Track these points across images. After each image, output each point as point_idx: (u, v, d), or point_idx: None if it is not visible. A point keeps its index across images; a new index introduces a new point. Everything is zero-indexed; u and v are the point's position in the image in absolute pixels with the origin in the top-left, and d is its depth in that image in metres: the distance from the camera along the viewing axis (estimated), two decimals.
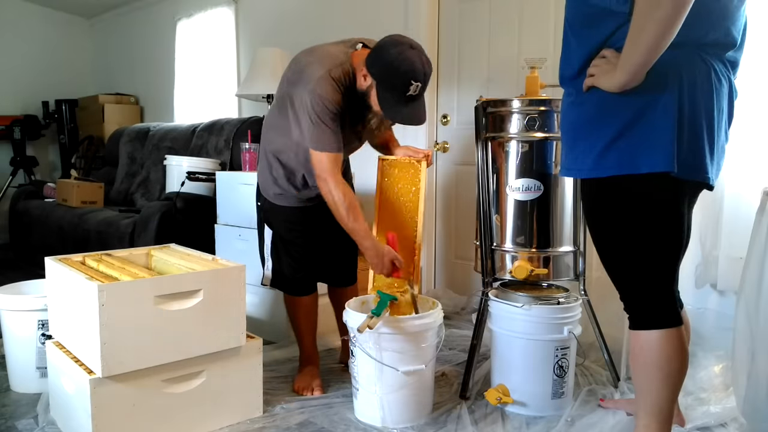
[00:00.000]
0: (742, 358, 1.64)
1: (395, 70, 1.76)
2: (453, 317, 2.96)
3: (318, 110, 1.82)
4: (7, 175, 5.44)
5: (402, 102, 1.79)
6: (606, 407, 1.92)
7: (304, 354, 2.19)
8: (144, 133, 4.47)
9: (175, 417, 1.75)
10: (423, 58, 1.78)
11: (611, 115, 1.36)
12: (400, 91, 1.77)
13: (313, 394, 2.05)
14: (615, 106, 1.35)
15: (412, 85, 1.76)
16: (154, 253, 2.11)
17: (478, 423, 1.86)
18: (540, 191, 1.98)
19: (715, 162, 1.39)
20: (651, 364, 1.42)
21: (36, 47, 5.67)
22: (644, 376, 1.44)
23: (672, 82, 1.31)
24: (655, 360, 1.41)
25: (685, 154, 1.33)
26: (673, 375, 1.41)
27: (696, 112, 1.33)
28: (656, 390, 1.42)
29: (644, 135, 1.33)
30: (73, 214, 3.73)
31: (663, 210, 1.40)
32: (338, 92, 1.83)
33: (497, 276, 2.08)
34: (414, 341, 1.80)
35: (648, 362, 1.42)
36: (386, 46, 1.78)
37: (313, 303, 2.19)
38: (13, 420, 1.88)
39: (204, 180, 3.26)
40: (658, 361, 1.41)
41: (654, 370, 1.42)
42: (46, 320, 2.02)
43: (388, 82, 1.78)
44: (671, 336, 1.40)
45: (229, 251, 2.78)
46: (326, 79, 1.81)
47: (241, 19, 4.35)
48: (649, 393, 1.44)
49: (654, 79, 1.30)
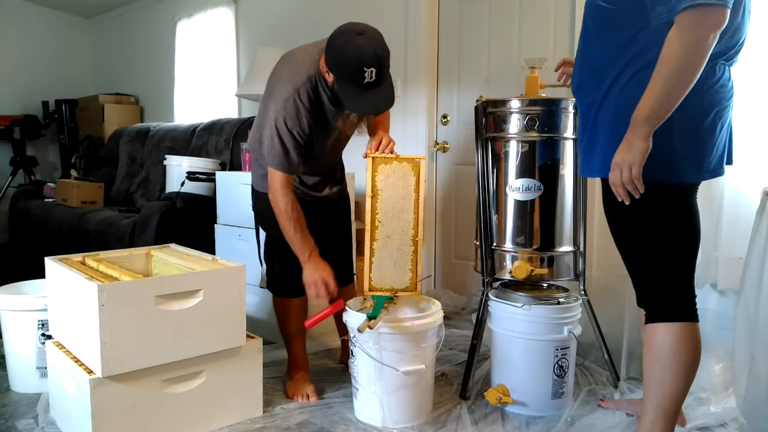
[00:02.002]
0: (742, 358, 1.64)
1: (345, 61, 1.71)
2: (453, 317, 2.96)
3: (281, 132, 1.84)
4: (7, 175, 5.44)
5: (362, 91, 1.73)
6: (606, 407, 1.92)
7: (293, 359, 2.14)
8: (144, 133, 4.47)
9: (175, 417, 1.75)
10: (373, 42, 1.70)
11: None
12: (356, 81, 1.71)
13: (309, 401, 2.03)
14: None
15: (366, 71, 1.68)
16: (154, 253, 2.11)
17: (478, 423, 1.86)
18: (540, 191, 1.98)
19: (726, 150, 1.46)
20: (667, 356, 1.43)
21: (36, 47, 5.66)
22: (659, 369, 1.46)
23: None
24: (673, 352, 1.43)
25: (709, 162, 1.41)
26: (688, 369, 1.44)
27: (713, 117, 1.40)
28: (669, 384, 1.44)
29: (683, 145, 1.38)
30: (73, 214, 3.73)
31: (684, 208, 1.45)
32: (305, 112, 1.84)
33: (497, 276, 2.08)
34: (414, 341, 1.80)
35: (665, 355, 1.44)
36: (334, 38, 1.75)
37: (303, 306, 2.14)
38: (13, 420, 1.88)
39: (204, 180, 3.26)
40: (676, 354, 1.43)
41: (670, 363, 1.43)
42: (46, 320, 2.02)
43: (342, 73, 1.74)
44: (690, 330, 1.43)
45: (229, 251, 2.78)
46: (293, 102, 1.83)
47: (241, 19, 4.35)
48: (661, 387, 1.45)
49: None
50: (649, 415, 1.48)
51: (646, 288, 1.50)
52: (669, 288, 1.46)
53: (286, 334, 2.15)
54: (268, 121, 1.86)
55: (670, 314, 1.45)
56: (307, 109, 1.85)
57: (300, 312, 2.14)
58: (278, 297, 2.14)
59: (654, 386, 1.48)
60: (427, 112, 3.27)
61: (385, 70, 1.74)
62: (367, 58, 1.69)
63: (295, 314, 2.13)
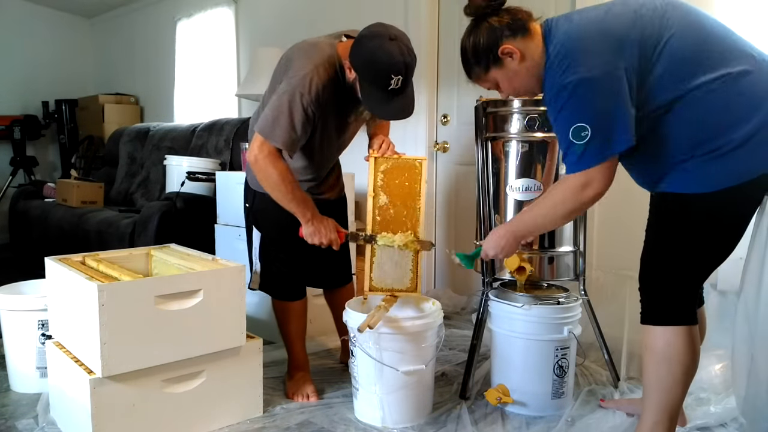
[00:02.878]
0: (742, 358, 1.64)
1: (374, 65, 1.69)
2: (453, 317, 2.96)
3: (293, 105, 1.76)
4: (7, 175, 5.44)
5: (385, 96, 1.72)
6: (606, 407, 1.92)
7: (293, 360, 2.14)
8: (144, 133, 4.47)
9: (175, 417, 1.75)
10: (404, 49, 1.70)
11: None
12: (381, 86, 1.70)
13: (309, 401, 2.03)
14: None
15: (393, 79, 1.68)
16: (154, 253, 2.11)
17: (478, 423, 1.86)
18: (540, 191, 1.98)
19: None
20: (668, 359, 1.44)
21: (36, 47, 5.66)
22: (658, 372, 1.46)
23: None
24: (673, 355, 1.43)
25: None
26: (687, 371, 1.44)
27: None
28: (669, 386, 1.44)
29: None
30: (73, 214, 3.73)
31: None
32: (322, 91, 1.78)
33: (497, 276, 2.08)
34: (414, 341, 1.80)
35: (665, 358, 1.44)
36: (365, 39, 1.72)
37: (303, 308, 2.15)
38: (13, 420, 1.88)
39: (204, 180, 3.26)
40: (676, 356, 1.43)
41: (671, 366, 1.44)
42: (46, 320, 2.02)
43: (368, 76, 1.72)
44: (689, 332, 1.44)
45: (229, 251, 2.77)
46: (312, 77, 1.76)
47: (241, 19, 4.35)
48: (661, 390, 1.45)
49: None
50: (650, 417, 1.48)
51: (653, 291, 1.49)
52: (679, 292, 1.46)
53: (285, 336, 2.15)
54: (279, 95, 1.78)
55: (672, 317, 1.45)
56: (326, 86, 1.79)
57: (300, 314, 2.14)
58: (277, 300, 2.13)
59: (652, 390, 1.48)
60: (427, 112, 3.27)
61: (411, 77, 1.74)
62: (396, 65, 1.68)
63: (295, 316, 2.12)
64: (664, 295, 1.47)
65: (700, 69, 1.35)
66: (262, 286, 2.13)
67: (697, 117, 1.36)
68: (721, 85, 1.34)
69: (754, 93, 1.34)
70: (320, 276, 2.26)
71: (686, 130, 1.38)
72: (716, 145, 1.35)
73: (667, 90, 1.36)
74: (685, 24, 1.37)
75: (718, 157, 1.35)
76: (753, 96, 1.33)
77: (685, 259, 1.45)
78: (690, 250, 1.44)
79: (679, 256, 1.45)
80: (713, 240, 1.43)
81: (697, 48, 1.36)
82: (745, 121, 1.33)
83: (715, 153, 1.35)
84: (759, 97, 1.34)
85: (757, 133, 1.33)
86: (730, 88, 1.34)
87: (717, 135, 1.35)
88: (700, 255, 1.44)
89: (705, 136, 1.36)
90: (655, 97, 1.37)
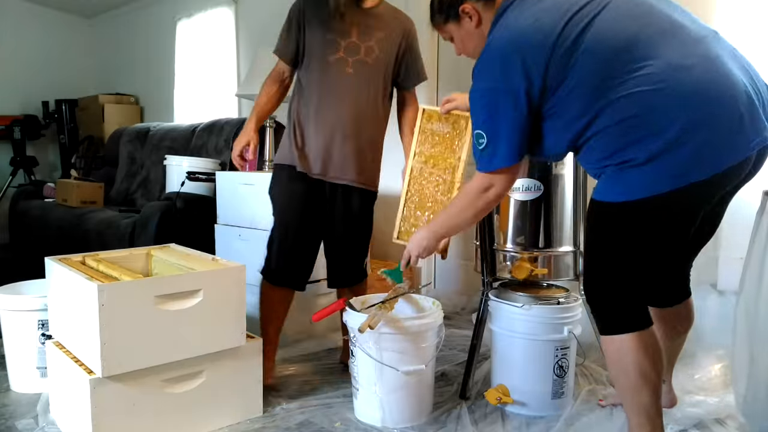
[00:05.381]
0: (742, 358, 1.64)
1: None
2: (453, 317, 2.96)
3: (290, 11, 2.09)
4: (7, 175, 5.44)
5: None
6: (605, 405, 1.92)
7: (264, 340, 2.04)
8: (144, 133, 4.46)
9: (175, 417, 1.75)
10: None
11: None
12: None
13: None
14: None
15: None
16: (154, 253, 2.11)
17: (478, 423, 1.86)
18: (540, 191, 1.98)
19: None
20: (623, 366, 1.41)
21: (36, 47, 5.67)
22: (619, 379, 1.45)
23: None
24: (627, 362, 1.40)
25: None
26: (646, 374, 1.40)
27: None
28: (638, 392, 1.41)
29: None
30: (73, 214, 3.73)
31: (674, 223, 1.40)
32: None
33: (497, 276, 2.08)
34: (414, 341, 1.80)
35: (620, 365, 1.42)
36: None
37: (280, 297, 2.13)
38: (13, 420, 1.88)
39: (204, 180, 3.26)
40: (631, 363, 1.40)
41: (628, 372, 1.41)
42: (46, 320, 2.02)
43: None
44: (640, 337, 1.40)
45: (229, 251, 2.77)
46: None
47: (241, 19, 4.35)
48: (629, 394, 1.43)
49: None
50: (632, 419, 1.45)
51: (602, 301, 1.46)
52: (626, 301, 1.42)
53: (260, 316, 2.14)
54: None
55: (625, 325, 1.41)
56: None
57: (273, 301, 2.13)
58: (264, 281, 2.13)
59: (624, 396, 1.45)
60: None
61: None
62: None
63: (267, 300, 2.13)
64: (605, 305, 1.44)
65: (618, 76, 1.31)
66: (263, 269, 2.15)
67: (616, 125, 1.33)
68: (637, 93, 1.30)
69: (668, 105, 1.29)
70: (332, 274, 2.26)
71: (604, 139, 1.36)
72: (629, 156, 1.32)
73: (586, 98, 1.34)
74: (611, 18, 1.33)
75: (632, 167, 1.32)
76: (668, 108, 1.29)
77: (614, 267, 1.42)
78: (623, 258, 1.41)
79: (608, 265, 1.43)
80: (643, 245, 1.38)
81: (618, 50, 1.31)
82: (663, 132, 1.28)
83: (628, 164, 1.33)
84: (665, 117, 1.29)
85: (676, 142, 1.28)
86: (645, 97, 1.29)
87: (631, 144, 1.31)
88: (628, 262, 1.40)
89: (621, 145, 1.33)
90: (573, 106, 1.36)
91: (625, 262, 1.41)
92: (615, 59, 1.31)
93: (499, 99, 1.40)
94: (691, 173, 1.29)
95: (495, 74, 1.40)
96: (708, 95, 1.27)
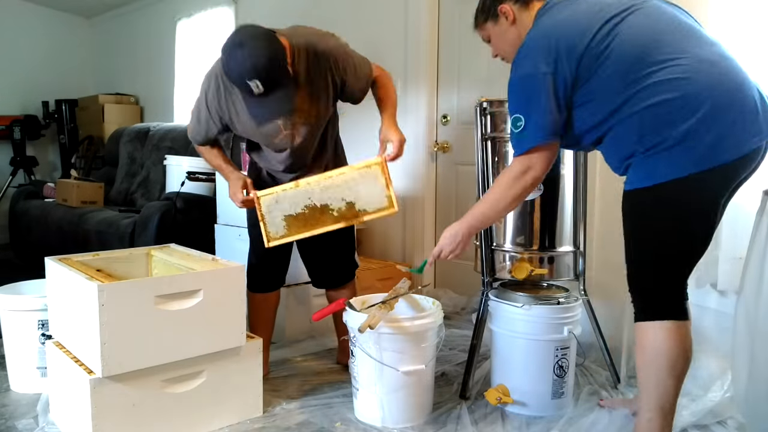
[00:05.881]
0: (742, 358, 1.64)
1: (230, 76, 1.74)
2: (453, 317, 2.96)
3: (199, 101, 2.00)
4: (7, 175, 5.44)
5: (257, 102, 1.77)
6: (605, 406, 1.92)
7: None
8: (144, 133, 4.46)
9: (175, 417, 1.75)
10: (253, 53, 1.65)
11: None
12: (248, 93, 1.72)
13: None
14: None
15: (251, 84, 1.67)
16: (154, 253, 2.11)
17: (478, 423, 1.86)
18: (540, 191, 1.98)
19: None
20: (655, 353, 1.47)
21: (36, 47, 5.66)
22: (647, 368, 1.49)
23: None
24: (659, 349, 1.46)
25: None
26: (674, 365, 1.46)
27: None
28: (663, 381, 1.47)
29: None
30: (73, 214, 3.73)
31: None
32: (224, 92, 1.93)
33: (497, 276, 2.08)
34: (414, 341, 1.80)
35: (652, 352, 1.47)
36: (222, 52, 1.73)
37: (265, 301, 2.20)
38: (13, 420, 1.88)
39: (204, 180, 3.26)
40: (663, 350, 1.46)
41: (658, 360, 1.46)
42: (46, 320, 2.02)
43: (236, 86, 1.78)
44: (681, 327, 1.46)
45: (229, 251, 2.77)
46: (215, 78, 1.93)
47: (241, 19, 4.35)
48: (655, 386, 1.48)
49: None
50: (645, 414, 1.50)
51: (641, 287, 1.53)
52: (665, 288, 1.49)
53: (249, 323, 2.15)
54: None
55: (662, 313, 1.48)
56: (228, 89, 1.90)
57: (259, 305, 2.19)
58: (248, 290, 2.12)
59: (647, 386, 1.50)
60: (427, 112, 3.27)
61: (274, 76, 1.70)
62: (247, 71, 1.66)
63: (254, 306, 2.18)
64: (644, 291, 1.52)
65: (648, 67, 1.42)
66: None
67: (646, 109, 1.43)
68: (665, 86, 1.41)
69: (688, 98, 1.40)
70: (320, 275, 2.27)
71: (634, 123, 1.45)
72: (659, 139, 1.41)
73: (615, 87, 1.45)
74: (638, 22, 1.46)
75: (659, 152, 1.42)
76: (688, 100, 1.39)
77: (653, 252, 1.50)
78: (656, 243, 1.49)
79: (648, 250, 1.51)
80: (672, 230, 1.46)
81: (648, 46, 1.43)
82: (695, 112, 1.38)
83: (656, 148, 1.42)
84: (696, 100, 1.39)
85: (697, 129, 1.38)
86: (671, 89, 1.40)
87: (663, 126, 1.41)
88: (667, 247, 1.48)
89: (652, 127, 1.42)
90: (603, 95, 1.47)
91: (656, 248, 1.49)
92: (645, 53, 1.42)
93: (535, 83, 1.50)
94: (715, 157, 1.38)
95: (532, 61, 1.50)
96: (731, 84, 1.40)
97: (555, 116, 1.50)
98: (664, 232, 1.47)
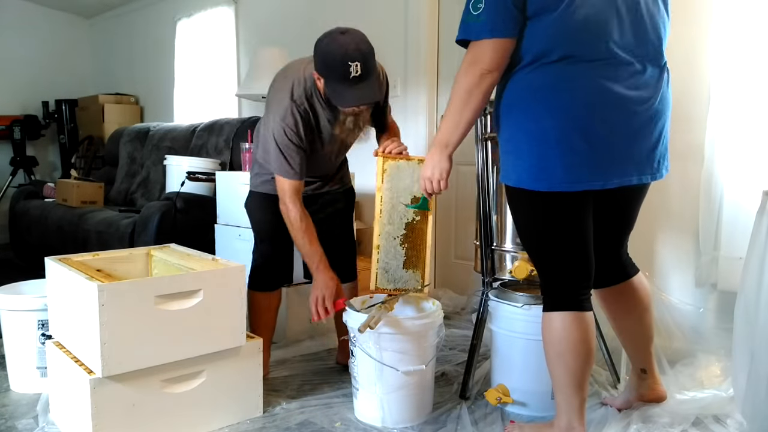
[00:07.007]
0: (742, 358, 1.64)
1: (330, 58, 1.78)
2: (453, 317, 2.96)
3: (282, 140, 1.92)
4: (7, 175, 5.44)
5: (348, 86, 1.80)
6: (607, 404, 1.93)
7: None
8: (144, 133, 4.47)
9: (175, 417, 1.75)
10: (356, 38, 1.79)
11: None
12: (342, 77, 1.78)
13: None
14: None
15: (351, 66, 1.76)
16: (154, 253, 2.11)
17: (478, 423, 1.86)
18: None
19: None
20: (560, 338, 1.57)
21: (36, 47, 5.67)
22: (551, 348, 1.59)
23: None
24: (564, 336, 1.56)
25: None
26: (579, 345, 1.55)
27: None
28: (562, 355, 1.56)
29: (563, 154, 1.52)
30: (73, 214, 3.73)
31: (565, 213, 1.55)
32: (302, 122, 1.92)
33: (497, 276, 2.08)
34: (414, 341, 1.80)
35: (556, 337, 1.57)
36: (319, 42, 1.83)
37: (268, 300, 2.19)
38: (13, 420, 1.88)
39: (204, 180, 3.26)
40: (565, 335, 1.56)
41: (563, 342, 1.56)
42: (46, 320, 2.02)
43: (329, 72, 1.81)
44: (576, 318, 1.55)
45: (229, 251, 2.78)
46: (290, 112, 1.91)
47: (241, 19, 4.35)
48: (557, 360, 1.58)
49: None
50: (558, 397, 1.60)
51: (541, 280, 1.64)
52: (557, 281, 1.58)
53: (250, 324, 2.17)
54: (270, 132, 1.95)
55: (560, 304, 1.57)
56: (304, 118, 1.94)
57: (261, 305, 2.18)
58: (249, 290, 2.14)
59: (553, 369, 1.60)
60: (427, 112, 3.27)
61: (370, 65, 1.81)
62: (350, 53, 1.76)
63: (255, 306, 2.17)
64: (543, 285, 1.63)
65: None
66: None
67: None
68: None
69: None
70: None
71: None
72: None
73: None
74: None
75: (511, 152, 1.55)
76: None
77: (537, 246, 1.60)
78: (534, 237, 1.60)
79: (532, 244, 1.62)
80: (537, 226, 1.57)
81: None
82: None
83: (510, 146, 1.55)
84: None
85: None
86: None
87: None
88: (542, 241, 1.58)
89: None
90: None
91: (541, 246, 1.60)
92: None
93: None
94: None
95: None
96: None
97: (513, 12, 1.50)
98: (532, 226, 1.59)
